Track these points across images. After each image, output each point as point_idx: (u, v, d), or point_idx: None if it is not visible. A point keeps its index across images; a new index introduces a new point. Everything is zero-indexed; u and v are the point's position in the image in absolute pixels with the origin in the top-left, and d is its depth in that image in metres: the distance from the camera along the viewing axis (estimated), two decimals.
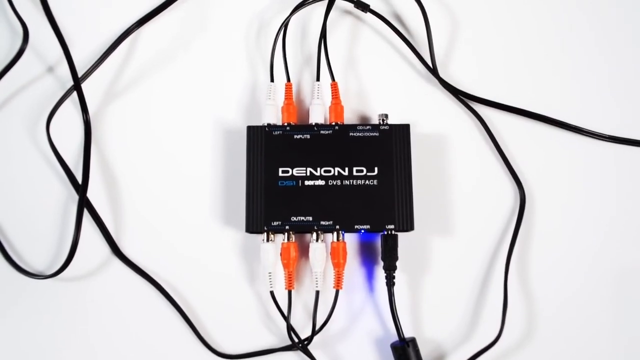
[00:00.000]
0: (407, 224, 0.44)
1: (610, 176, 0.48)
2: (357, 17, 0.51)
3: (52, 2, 0.49)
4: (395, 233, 0.45)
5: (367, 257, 0.46)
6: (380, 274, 0.45)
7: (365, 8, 0.49)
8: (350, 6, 0.50)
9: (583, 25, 0.51)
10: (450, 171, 0.48)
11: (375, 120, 0.48)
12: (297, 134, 0.46)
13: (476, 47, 0.50)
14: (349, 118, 0.49)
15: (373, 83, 0.49)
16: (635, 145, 0.48)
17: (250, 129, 0.46)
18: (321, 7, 0.50)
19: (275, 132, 0.46)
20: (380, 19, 0.49)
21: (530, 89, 0.50)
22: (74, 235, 0.46)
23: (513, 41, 0.51)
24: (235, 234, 0.47)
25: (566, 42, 0.51)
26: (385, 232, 0.45)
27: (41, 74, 0.51)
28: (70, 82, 0.49)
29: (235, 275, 0.46)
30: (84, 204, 0.46)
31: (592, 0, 0.52)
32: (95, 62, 0.50)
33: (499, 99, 0.49)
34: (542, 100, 0.49)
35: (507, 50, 0.50)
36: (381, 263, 0.45)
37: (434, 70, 0.49)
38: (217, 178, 0.48)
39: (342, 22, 0.51)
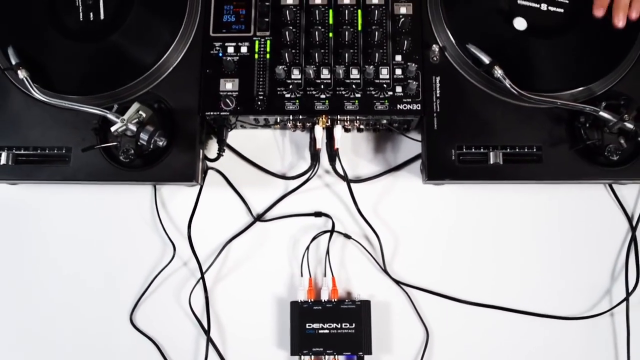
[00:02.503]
0: (368, 351, 0.91)
1: (484, 331, 0.95)
2: (345, 239, 0.98)
3: (181, 222, 0.97)
4: (363, 355, 0.92)
5: None
6: None
7: (349, 237, 0.97)
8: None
9: (465, 232, 0.98)
10: (391, 323, 0.95)
11: (355, 294, 0.95)
12: (315, 306, 0.93)
13: (410, 251, 0.97)
14: (342, 291, 0.96)
15: (353, 274, 0.96)
16: (497, 309, 0.95)
17: (292, 303, 0.93)
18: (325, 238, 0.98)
19: (304, 305, 0.93)
20: (355, 241, 0.97)
21: (439, 275, 0.96)
22: (205, 355, 0.93)
23: (431, 248, 0.98)
24: (284, 354, 0.94)
25: (462, 248, 0.98)
26: (357, 355, 0.92)
27: (179, 266, 0.98)
28: (196, 271, 0.97)
29: None
30: (210, 340, 0.94)
31: (472, 221, 0.98)
32: (211, 263, 0.97)
33: (419, 283, 0.96)
34: (448, 282, 0.96)
35: (427, 254, 0.97)
36: None
37: (384, 270, 0.96)
38: (274, 324, 0.95)
39: (338, 240, 0.98)
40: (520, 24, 0.93)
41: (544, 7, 0.94)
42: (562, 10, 0.94)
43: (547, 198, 0.98)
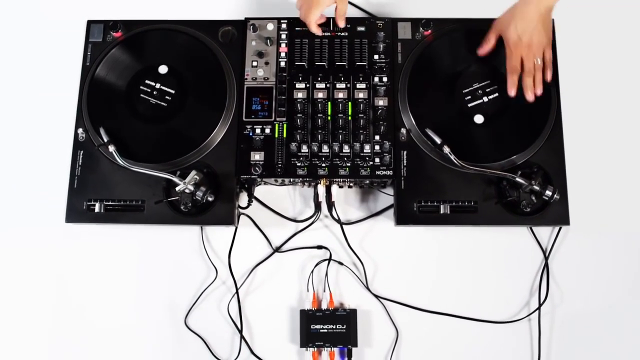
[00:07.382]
0: (355, 344, 1.29)
1: (439, 331, 1.33)
2: (339, 265, 1.36)
3: (221, 252, 1.35)
4: (351, 348, 1.29)
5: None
6: None
7: (341, 264, 1.35)
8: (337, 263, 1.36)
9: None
10: (371, 325, 1.33)
11: (346, 304, 1.33)
12: (318, 313, 1.30)
13: (385, 274, 1.35)
14: (337, 302, 1.34)
15: (345, 290, 1.34)
16: (449, 315, 1.34)
17: (301, 311, 1.30)
18: (325, 264, 1.36)
19: (310, 312, 1.30)
20: (346, 267, 1.35)
21: (407, 291, 1.35)
22: (239, 348, 1.31)
23: (401, 272, 1.36)
24: (295, 346, 1.32)
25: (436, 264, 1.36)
26: (347, 348, 1.30)
27: (220, 284, 1.36)
28: (232, 288, 1.35)
29: None
30: (243, 337, 1.32)
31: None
32: (243, 282, 1.35)
33: (391, 297, 1.34)
34: (413, 296, 1.34)
35: (398, 276, 1.35)
36: None
37: (367, 287, 1.34)
38: (288, 325, 1.33)
39: (334, 266, 1.36)
40: (479, 119, 1.32)
41: (485, 99, 1.33)
42: (497, 94, 1.33)
43: (483, 237, 1.36)
